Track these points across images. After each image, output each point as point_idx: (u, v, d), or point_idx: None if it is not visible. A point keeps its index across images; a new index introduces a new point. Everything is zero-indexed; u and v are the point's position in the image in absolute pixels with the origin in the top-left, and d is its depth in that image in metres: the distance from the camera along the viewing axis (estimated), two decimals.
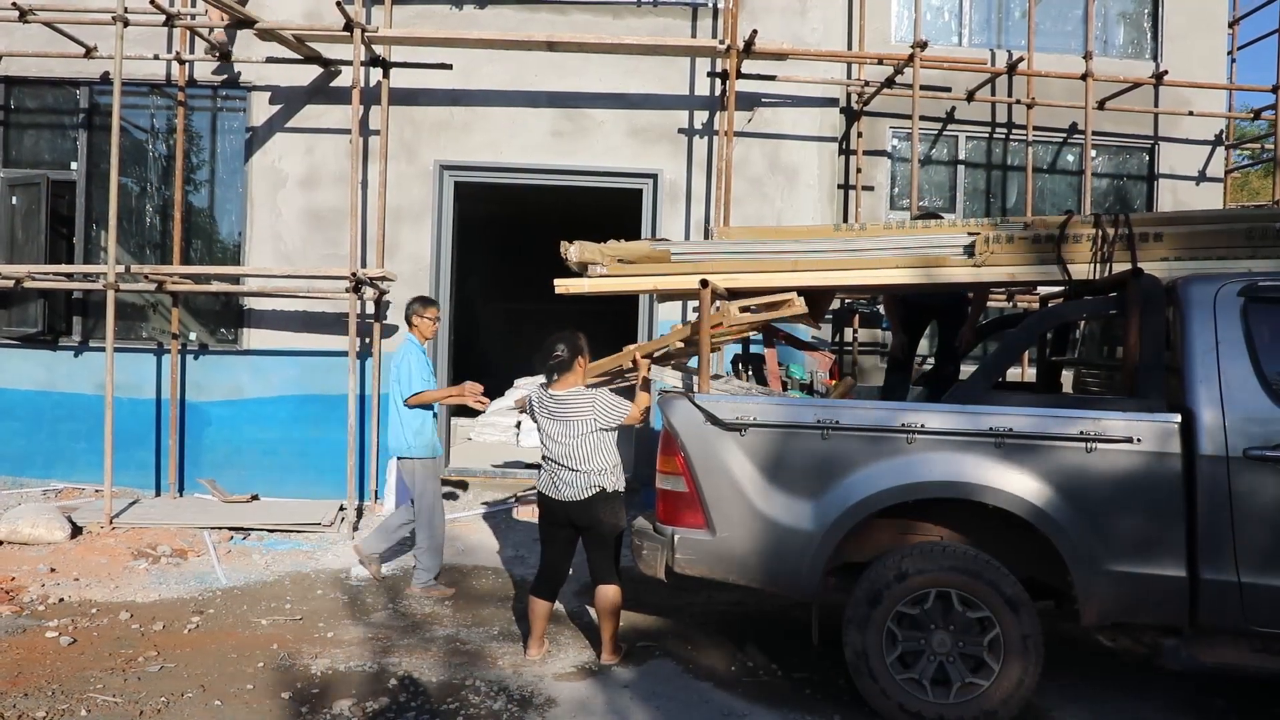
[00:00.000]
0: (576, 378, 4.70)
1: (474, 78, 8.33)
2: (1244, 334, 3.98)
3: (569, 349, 4.65)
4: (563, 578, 4.91)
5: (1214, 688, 4.57)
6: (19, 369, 8.44)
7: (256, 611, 5.48)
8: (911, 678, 4.03)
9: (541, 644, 4.85)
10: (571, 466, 4.62)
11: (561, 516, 4.72)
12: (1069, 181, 9.38)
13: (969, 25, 9.31)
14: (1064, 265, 4.58)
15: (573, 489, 4.63)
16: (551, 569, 4.85)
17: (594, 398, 4.63)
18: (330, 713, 4.09)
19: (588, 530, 4.70)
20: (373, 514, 7.90)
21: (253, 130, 8.40)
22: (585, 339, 4.77)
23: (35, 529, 6.67)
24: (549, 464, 4.74)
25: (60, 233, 8.58)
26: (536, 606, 4.81)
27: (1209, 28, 9.38)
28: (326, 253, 8.30)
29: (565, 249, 5.12)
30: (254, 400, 8.37)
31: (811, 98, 8.50)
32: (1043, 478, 3.97)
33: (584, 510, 4.65)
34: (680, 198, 8.42)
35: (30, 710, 4.00)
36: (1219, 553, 3.86)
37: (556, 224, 9.42)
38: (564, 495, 4.65)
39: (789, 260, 4.88)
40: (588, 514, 4.65)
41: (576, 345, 4.68)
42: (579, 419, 4.60)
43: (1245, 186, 20.35)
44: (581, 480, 4.61)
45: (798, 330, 7.44)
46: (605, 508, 4.67)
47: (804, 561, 4.14)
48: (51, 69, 8.43)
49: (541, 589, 4.83)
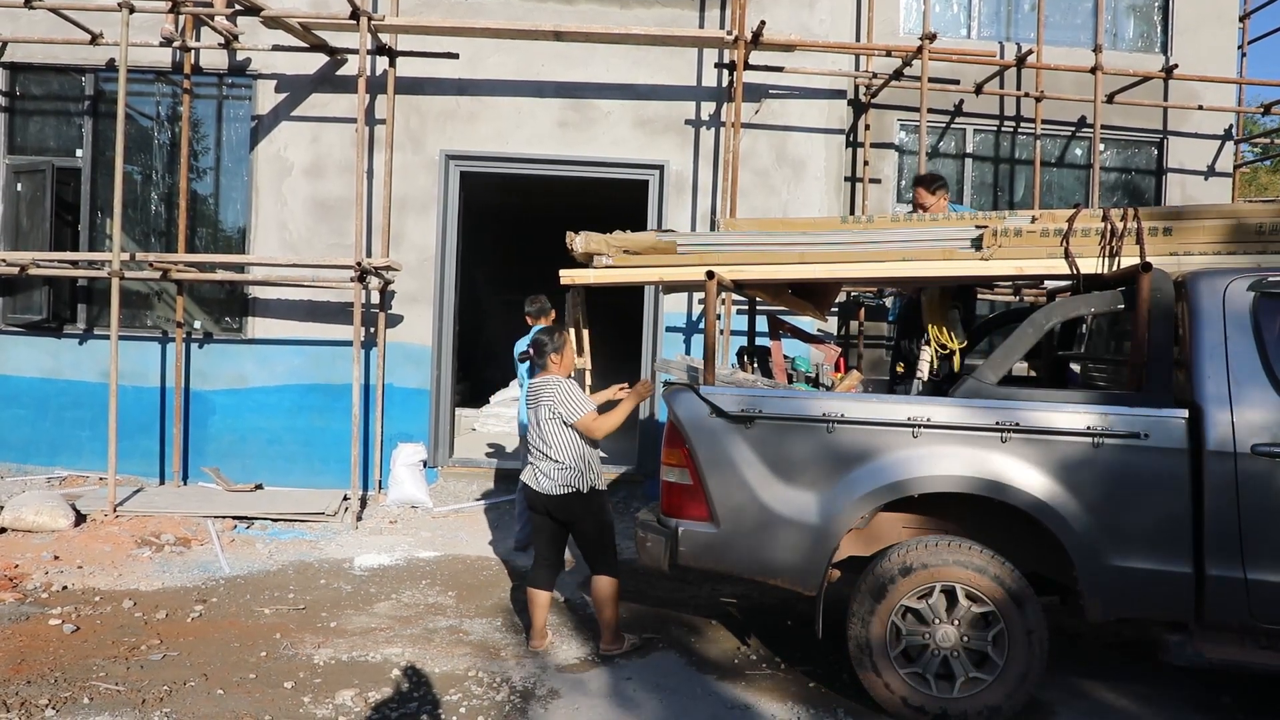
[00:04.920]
0: (554, 369, 4.81)
1: (480, 67, 8.30)
2: (1253, 329, 3.95)
3: (545, 345, 4.82)
4: (556, 567, 4.94)
5: (1220, 684, 4.55)
6: (24, 356, 8.45)
7: (260, 601, 5.49)
8: (915, 672, 4.02)
9: (544, 636, 4.87)
10: (544, 453, 4.69)
11: (541, 507, 4.78)
12: (1077, 175, 9.33)
13: (978, 17, 9.26)
14: (1072, 259, 4.54)
15: (549, 480, 4.68)
16: (543, 559, 4.89)
17: (556, 385, 4.71)
18: (333, 703, 4.09)
19: (569, 525, 4.77)
20: (376, 504, 7.90)
21: (258, 118, 8.39)
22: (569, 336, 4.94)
23: (39, 516, 6.69)
24: (530, 453, 4.85)
25: (65, 220, 8.58)
26: (534, 597, 4.85)
27: (1219, 21, 9.32)
28: (331, 242, 8.29)
29: (571, 239, 5.09)
30: (258, 389, 8.37)
31: (819, 89, 8.47)
32: (1049, 472, 3.95)
33: (560, 506, 4.70)
34: (686, 189, 8.40)
35: (33, 698, 4.00)
36: (1226, 549, 3.83)
37: (562, 215, 9.41)
38: (542, 487, 4.71)
39: (795, 252, 4.85)
40: (565, 510, 4.71)
41: (553, 343, 4.82)
42: (544, 404, 4.71)
43: (1254, 181, 20.26)
44: (555, 472, 4.66)
45: (804, 323, 7.43)
46: (580, 505, 4.70)
47: (808, 555, 4.13)
48: (57, 55, 8.42)
49: (537, 579, 4.88)
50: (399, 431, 8.29)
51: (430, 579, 6.03)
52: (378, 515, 7.57)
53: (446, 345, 8.51)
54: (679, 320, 8.41)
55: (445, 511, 7.72)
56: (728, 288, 4.90)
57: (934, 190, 6.40)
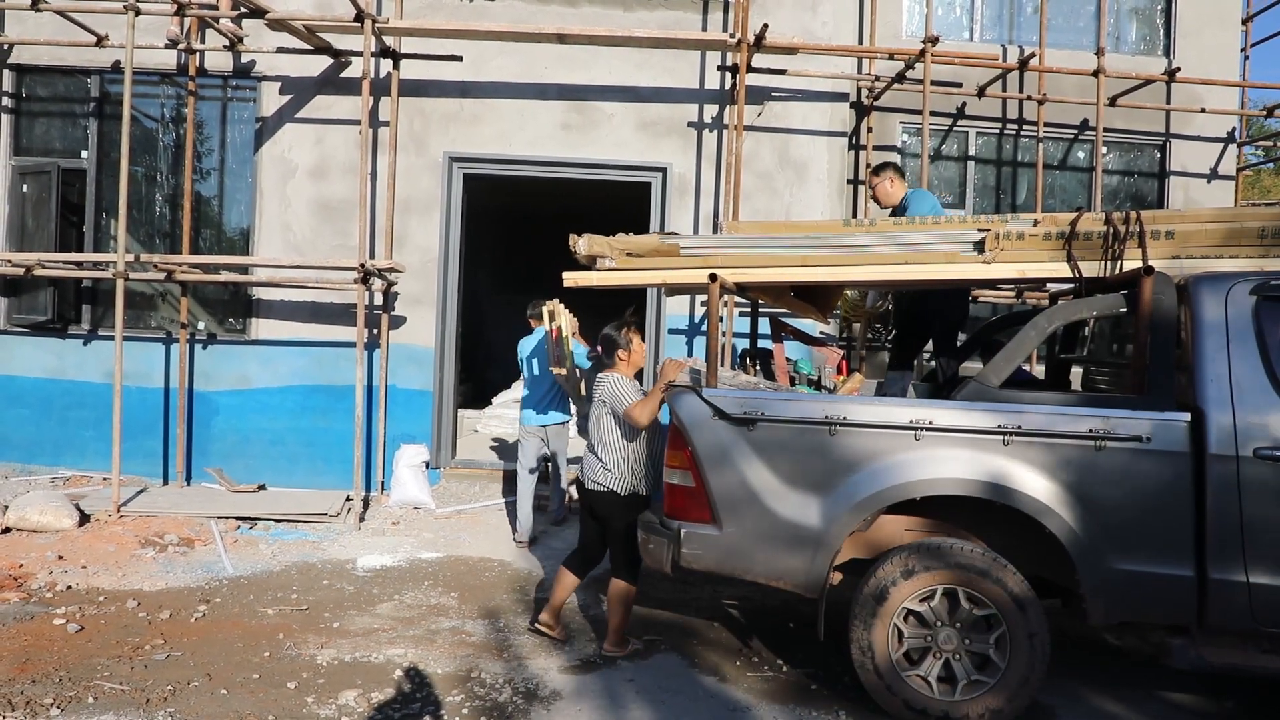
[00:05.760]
0: (621, 367, 4.90)
1: (484, 70, 8.32)
2: (1255, 333, 3.96)
3: (615, 343, 4.90)
4: (593, 559, 5.05)
5: (1222, 688, 4.55)
6: (29, 356, 8.47)
7: (263, 601, 5.50)
8: (917, 674, 4.03)
9: (556, 620, 4.99)
10: (595, 450, 4.86)
11: (585, 500, 4.95)
12: (1080, 178, 9.34)
13: (980, 20, 9.26)
14: (1074, 262, 4.55)
15: (593, 476, 4.83)
16: (583, 548, 5.06)
17: (614, 381, 4.81)
18: (336, 703, 4.11)
19: (603, 521, 4.87)
20: (379, 505, 7.91)
21: (263, 120, 8.41)
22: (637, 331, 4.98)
23: (43, 516, 6.70)
24: (585, 449, 5.02)
25: (70, 221, 8.60)
26: (563, 576, 5.01)
27: (1222, 24, 9.32)
28: (335, 243, 8.31)
29: (574, 242, 5.11)
30: (262, 390, 8.39)
31: (822, 92, 8.48)
32: (1051, 475, 3.96)
33: (598, 501, 4.84)
34: (689, 191, 8.41)
35: (38, 697, 4.02)
36: (1228, 552, 3.84)
37: (565, 216, 9.43)
38: (587, 483, 4.88)
39: (798, 255, 4.86)
40: (601, 506, 4.84)
41: (617, 339, 4.90)
42: (601, 398, 4.86)
43: (1257, 184, 20.25)
44: (599, 470, 4.80)
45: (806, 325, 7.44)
46: (614, 506, 4.78)
47: (810, 557, 4.14)
48: (63, 57, 8.45)
49: (572, 562, 5.05)
50: (402, 432, 8.30)
51: (433, 580, 6.04)
52: (380, 516, 7.58)
53: (449, 346, 8.52)
54: (681, 322, 8.42)
55: (448, 513, 7.73)
56: (730, 290, 4.91)
57: (878, 173, 6.31)
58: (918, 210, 5.99)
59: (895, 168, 6.36)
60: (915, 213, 5.94)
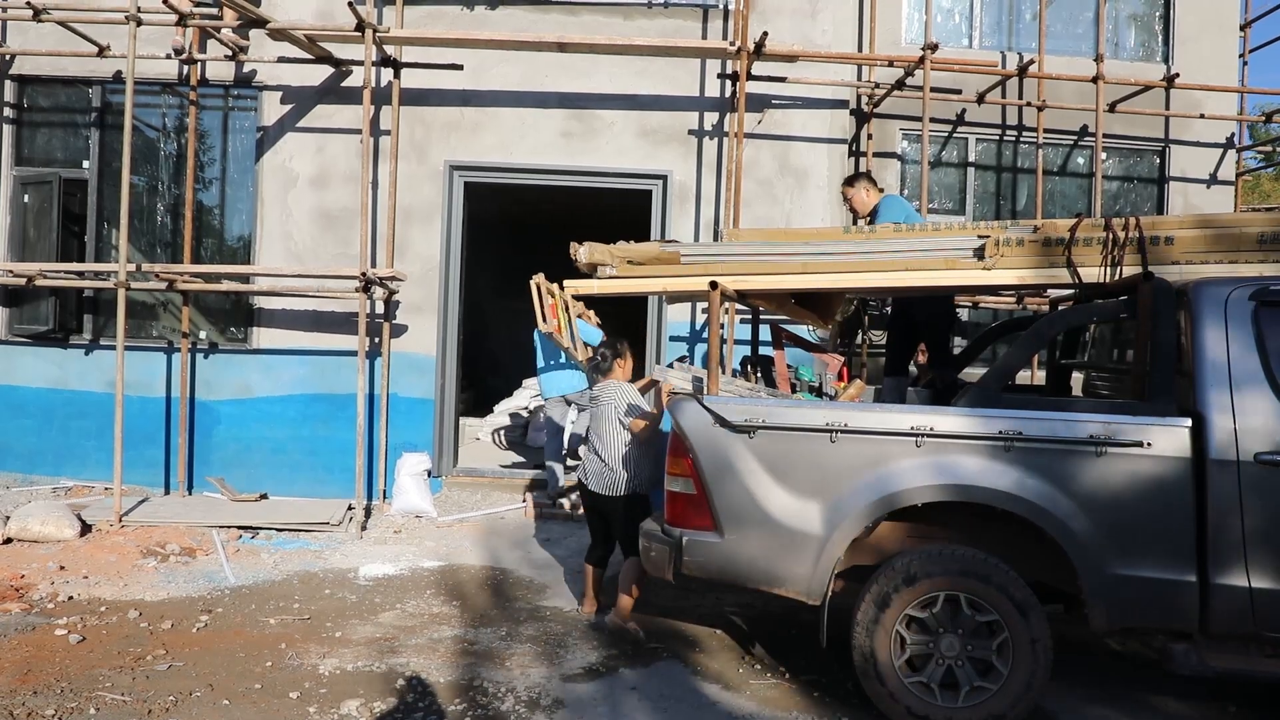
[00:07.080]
0: (618, 374, 5.46)
1: (484, 78, 8.34)
2: (1255, 338, 3.96)
3: (609, 353, 5.48)
4: (606, 551, 5.57)
5: (1225, 693, 4.55)
6: (30, 366, 8.49)
7: (265, 611, 5.50)
8: (920, 681, 4.02)
9: (593, 603, 5.53)
10: (597, 452, 5.30)
11: (589, 501, 5.44)
12: (1079, 184, 9.35)
13: (979, 27, 9.29)
14: (1074, 268, 4.56)
15: (595, 478, 5.30)
16: (595, 543, 5.59)
17: (617, 389, 5.33)
18: (338, 713, 4.10)
19: (608, 518, 5.37)
20: (381, 513, 7.91)
21: (264, 130, 8.44)
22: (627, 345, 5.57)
23: (45, 526, 6.70)
24: (585, 451, 5.52)
25: (72, 231, 8.63)
26: (587, 570, 5.57)
27: (1221, 30, 9.34)
28: (336, 252, 8.33)
29: (575, 250, 5.12)
30: (263, 399, 8.40)
31: (821, 99, 8.50)
32: (1053, 481, 3.96)
33: (600, 502, 5.34)
34: (690, 199, 8.43)
35: (39, 708, 4.02)
36: (1230, 557, 3.84)
37: (566, 224, 9.44)
38: (590, 484, 5.34)
39: (798, 262, 4.87)
40: (604, 505, 5.34)
41: (616, 350, 5.49)
42: (607, 405, 5.29)
43: (1256, 189, 20.27)
44: (601, 471, 5.27)
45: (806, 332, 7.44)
46: (615, 505, 5.28)
47: (812, 564, 4.13)
48: (64, 68, 8.48)
49: (591, 557, 5.59)
50: (403, 441, 8.30)
51: (435, 588, 6.04)
52: (382, 525, 7.58)
53: (451, 355, 8.53)
54: (683, 330, 8.42)
55: (449, 521, 7.73)
56: (731, 297, 4.93)
57: (852, 184, 6.56)
58: (889, 216, 6.19)
59: (869, 178, 6.61)
60: (886, 218, 6.14)
